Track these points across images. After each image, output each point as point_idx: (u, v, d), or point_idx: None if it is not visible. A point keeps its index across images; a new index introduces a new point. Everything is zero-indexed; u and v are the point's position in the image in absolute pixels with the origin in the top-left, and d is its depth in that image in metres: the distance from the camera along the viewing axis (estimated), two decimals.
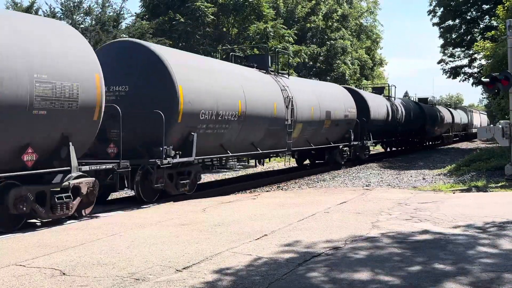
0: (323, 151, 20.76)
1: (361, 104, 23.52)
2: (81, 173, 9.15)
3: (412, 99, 43.63)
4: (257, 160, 19.82)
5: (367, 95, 25.97)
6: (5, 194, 8.01)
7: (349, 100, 22.45)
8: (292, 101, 16.63)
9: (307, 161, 23.08)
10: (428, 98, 43.53)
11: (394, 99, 31.00)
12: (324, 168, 21.13)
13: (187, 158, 11.87)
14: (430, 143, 42.01)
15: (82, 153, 9.49)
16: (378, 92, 30.05)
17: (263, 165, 20.53)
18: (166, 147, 11.16)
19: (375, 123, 24.92)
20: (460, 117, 50.32)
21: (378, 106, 25.94)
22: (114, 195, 13.08)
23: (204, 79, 12.63)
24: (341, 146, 21.53)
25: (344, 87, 24.47)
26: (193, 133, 11.96)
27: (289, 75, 18.74)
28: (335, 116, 20.29)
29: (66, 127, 8.77)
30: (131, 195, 12.89)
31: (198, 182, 13.12)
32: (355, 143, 22.60)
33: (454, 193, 12.33)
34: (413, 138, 35.68)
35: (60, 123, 8.61)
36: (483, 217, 8.38)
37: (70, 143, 8.84)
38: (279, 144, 16.47)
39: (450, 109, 50.50)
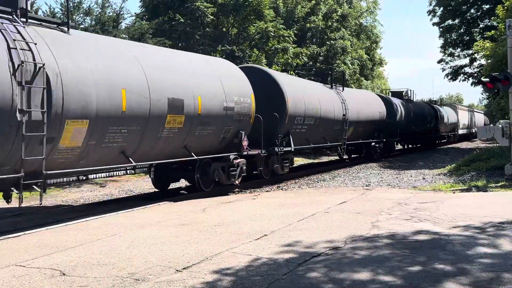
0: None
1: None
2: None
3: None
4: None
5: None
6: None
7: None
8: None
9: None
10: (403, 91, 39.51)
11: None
12: (324, 168, 21.19)
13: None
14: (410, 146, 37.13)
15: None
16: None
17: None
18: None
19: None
20: (447, 115, 42.54)
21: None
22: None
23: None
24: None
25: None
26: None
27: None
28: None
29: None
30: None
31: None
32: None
33: (454, 193, 12.33)
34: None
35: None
36: (483, 217, 8.38)
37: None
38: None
39: (436, 105, 42.49)
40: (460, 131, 48.30)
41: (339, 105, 21.30)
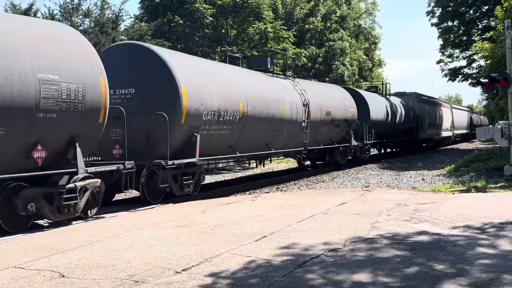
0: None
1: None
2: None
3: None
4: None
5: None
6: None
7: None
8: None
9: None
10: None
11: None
12: (324, 169, 21.15)
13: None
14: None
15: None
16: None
17: (263, 166, 20.50)
18: None
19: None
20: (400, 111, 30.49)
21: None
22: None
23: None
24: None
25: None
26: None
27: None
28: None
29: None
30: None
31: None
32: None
33: (453, 193, 12.33)
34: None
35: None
36: (482, 218, 8.38)
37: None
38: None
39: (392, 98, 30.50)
40: (424, 134, 34.09)
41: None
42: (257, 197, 12.49)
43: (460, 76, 43.31)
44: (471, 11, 40.31)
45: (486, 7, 37.61)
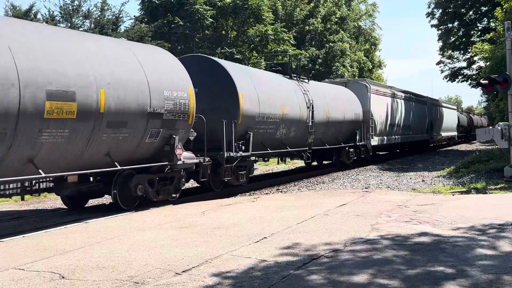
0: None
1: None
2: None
3: None
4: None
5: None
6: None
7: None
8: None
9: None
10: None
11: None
12: (324, 170, 21.17)
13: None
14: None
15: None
16: None
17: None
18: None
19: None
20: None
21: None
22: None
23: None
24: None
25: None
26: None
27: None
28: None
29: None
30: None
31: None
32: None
33: (453, 195, 12.33)
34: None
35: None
36: (482, 219, 8.38)
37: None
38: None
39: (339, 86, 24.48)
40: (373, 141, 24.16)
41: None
42: (257, 199, 12.49)
43: (460, 77, 43.38)
44: (471, 13, 40.36)
45: (486, 9, 37.66)
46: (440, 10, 41.68)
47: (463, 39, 41.22)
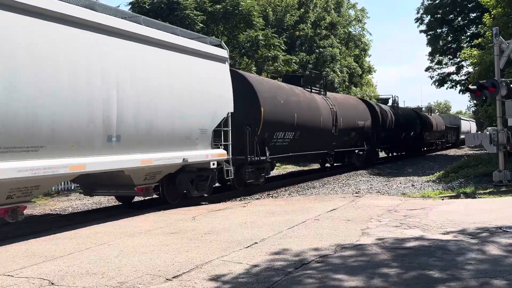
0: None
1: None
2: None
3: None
4: None
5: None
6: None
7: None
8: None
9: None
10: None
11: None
12: (314, 175, 21.24)
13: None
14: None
15: None
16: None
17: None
18: None
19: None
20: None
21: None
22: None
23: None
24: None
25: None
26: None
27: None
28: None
29: None
30: None
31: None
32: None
33: (442, 199, 12.40)
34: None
35: None
36: (471, 224, 8.44)
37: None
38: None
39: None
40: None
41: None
42: (248, 204, 12.48)
43: (448, 83, 43.72)
44: (459, 19, 40.74)
45: (474, 15, 38.03)
46: (429, 16, 42.04)
47: (451, 44, 41.59)
